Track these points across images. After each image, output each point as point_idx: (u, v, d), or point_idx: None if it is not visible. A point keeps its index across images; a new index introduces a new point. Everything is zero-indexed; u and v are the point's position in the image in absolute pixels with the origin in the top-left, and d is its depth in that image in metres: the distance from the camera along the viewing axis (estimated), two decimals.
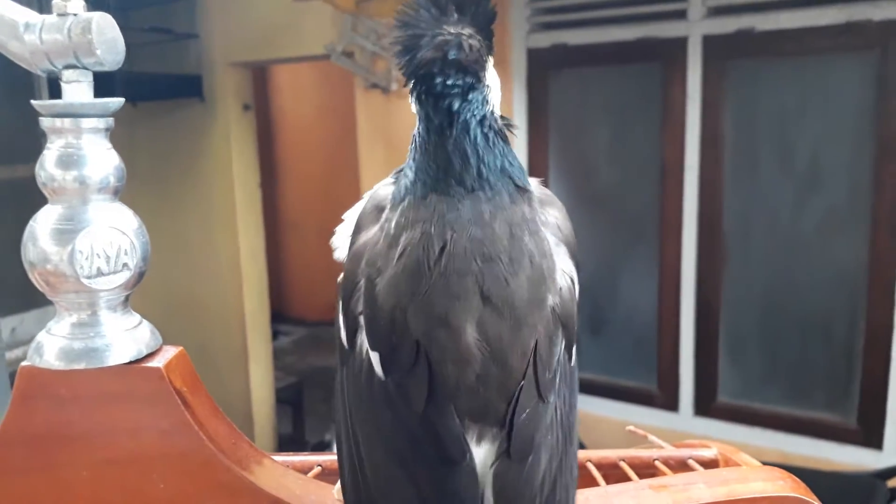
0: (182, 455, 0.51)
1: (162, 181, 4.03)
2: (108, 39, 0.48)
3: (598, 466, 0.74)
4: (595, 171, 3.17)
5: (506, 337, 0.50)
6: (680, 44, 2.83)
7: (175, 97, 3.79)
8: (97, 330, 0.51)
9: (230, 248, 3.84)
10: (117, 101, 0.51)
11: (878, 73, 2.54)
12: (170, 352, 0.54)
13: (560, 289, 0.53)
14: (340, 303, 0.53)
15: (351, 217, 0.58)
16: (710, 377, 2.96)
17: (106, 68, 0.48)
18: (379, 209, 0.55)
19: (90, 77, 0.50)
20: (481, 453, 0.50)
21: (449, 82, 0.51)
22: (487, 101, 0.53)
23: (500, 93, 0.56)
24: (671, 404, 3.03)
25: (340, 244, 0.58)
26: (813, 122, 2.72)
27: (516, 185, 0.54)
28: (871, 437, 2.66)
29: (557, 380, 0.53)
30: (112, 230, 0.50)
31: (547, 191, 0.58)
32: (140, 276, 0.54)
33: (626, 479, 0.70)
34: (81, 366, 0.50)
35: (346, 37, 3.31)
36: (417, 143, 0.53)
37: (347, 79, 3.48)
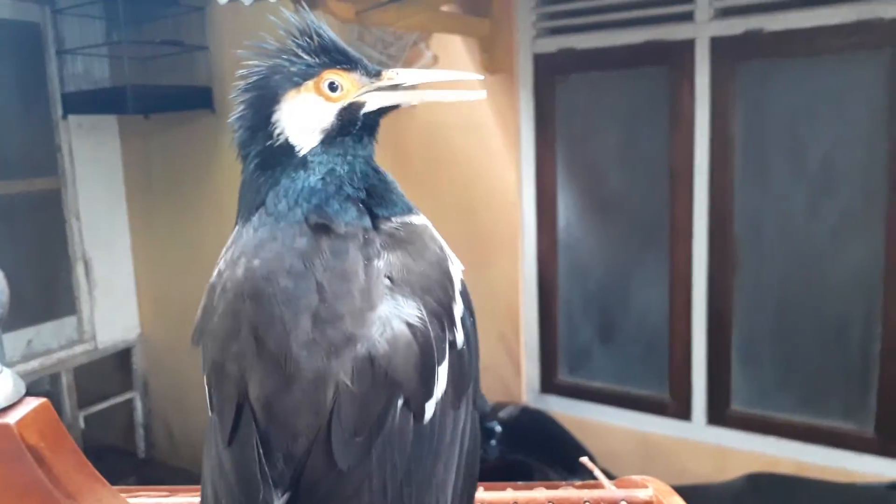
0: None
1: (175, 192, 4.07)
2: None
3: None
4: (604, 177, 3.12)
5: (285, 400, 0.46)
6: (687, 46, 2.78)
7: (186, 109, 3.82)
8: None
9: None
10: None
11: (890, 71, 2.47)
12: (29, 405, 0.52)
13: (388, 341, 0.47)
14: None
15: None
16: (723, 385, 2.89)
17: None
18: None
19: None
20: None
21: None
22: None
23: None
24: (683, 413, 2.96)
25: None
26: (825, 124, 2.65)
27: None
28: (889, 446, 2.58)
29: (380, 446, 0.47)
30: None
31: (414, 226, 0.54)
32: None
33: None
34: None
35: (352, 46, 3.30)
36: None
37: None
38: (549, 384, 3.27)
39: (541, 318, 3.25)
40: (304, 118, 0.54)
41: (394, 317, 0.48)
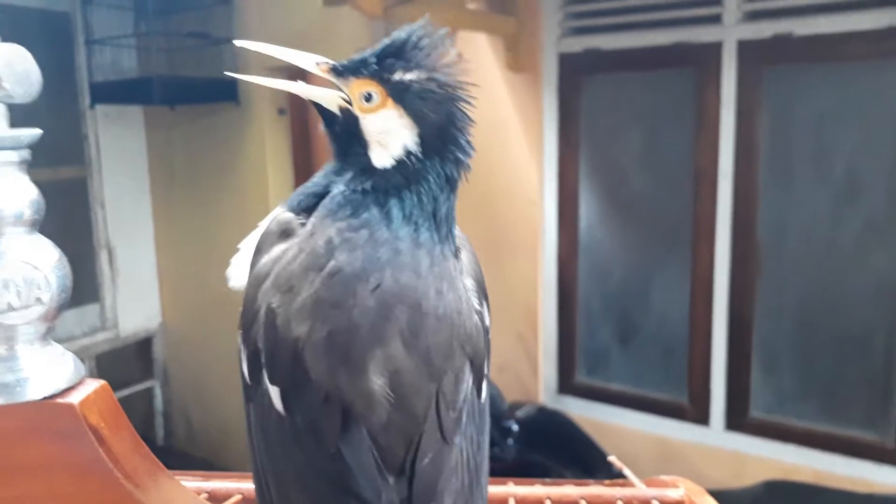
0: (97, 492, 0.50)
1: (197, 183, 4.10)
2: (18, 72, 0.47)
3: None
4: (627, 178, 3.12)
5: (414, 382, 0.48)
6: (715, 49, 2.76)
7: (211, 101, 3.84)
8: (11, 365, 0.51)
9: None
10: (31, 134, 0.50)
11: None
12: (90, 386, 0.53)
13: (470, 325, 0.51)
14: (240, 333, 0.52)
15: (247, 246, 0.57)
16: (742, 391, 2.88)
17: (16, 101, 0.48)
18: (287, 230, 0.52)
19: (3, 109, 0.49)
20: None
21: None
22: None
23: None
24: (702, 418, 2.95)
25: (235, 273, 0.57)
26: (852, 130, 2.63)
27: (448, 233, 0.53)
28: None
29: (464, 419, 0.51)
30: (24, 265, 0.50)
31: (460, 232, 0.57)
32: (60, 309, 0.53)
33: None
34: None
35: (378, 42, 3.32)
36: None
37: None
38: (566, 385, 3.27)
39: (560, 319, 3.25)
40: None
41: (470, 302, 0.52)
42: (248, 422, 0.53)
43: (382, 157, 0.52)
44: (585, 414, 3.15)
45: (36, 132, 0.50)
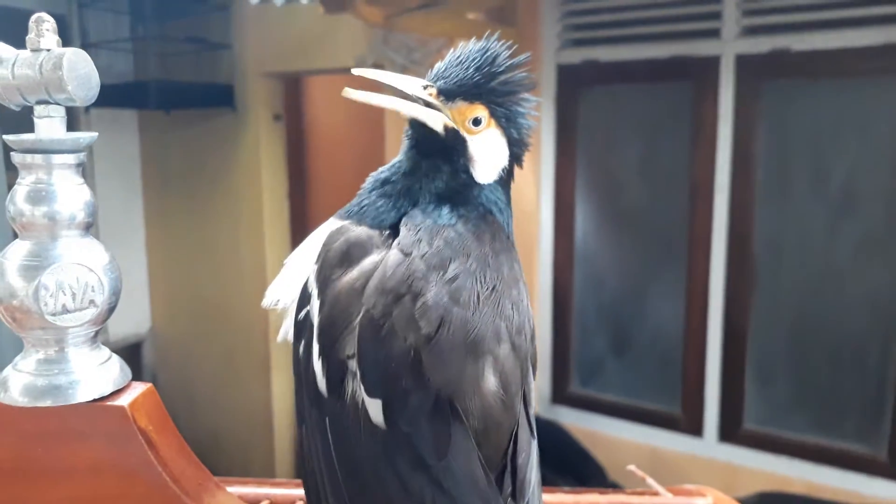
0: (144, 495, 0.50)
1: (192, 188, 4.08)
2: (80, 75, 0.47)
3: None
4: (624, 190, 3.13)
5: (515, 382, 0.50)
6: (713, 63, 2.79)
7: (207, 106, 3.84)
8: (62, 367, 0.51)
9: (256, 257, 3.87)
10: (89, 136, 0.50)
11: None
12: (137, 389, 0.53)
13: (533, 324, 0.55)
14: (318, 347, 0.51)
15: (296, 262, 0.56)
16: (736, 402, 2.89)
17: (77, 104, 0.48)
18: (371, 243, 0.52)
19: (62, 112, 0.49)
20: None
21: None
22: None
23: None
24: (695, 429, 2.97)
25: (278, 290, 0.56)
26: (848, 146, 2.66)
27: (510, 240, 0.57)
28: None
29: (532, 417, 0.54)
30: (79, 267, 0.50)
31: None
32: (110, 312, 0.53)
33: None
34: (47, 403, 0.50)
35: (376, 50, 3.33)
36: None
37: (378, 91, 3.50)
38: (560, 395, 3.28)
39: (554, 329, 3.26)
40: None
41: (528, 302, 0.55)
42: (317, 439, 0.51)
43: (486, 172, 0.56)
44: (579, 424, 3.16)
45: (93, 135, 0.50)
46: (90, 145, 0.50)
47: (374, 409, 0.47)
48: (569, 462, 2.95)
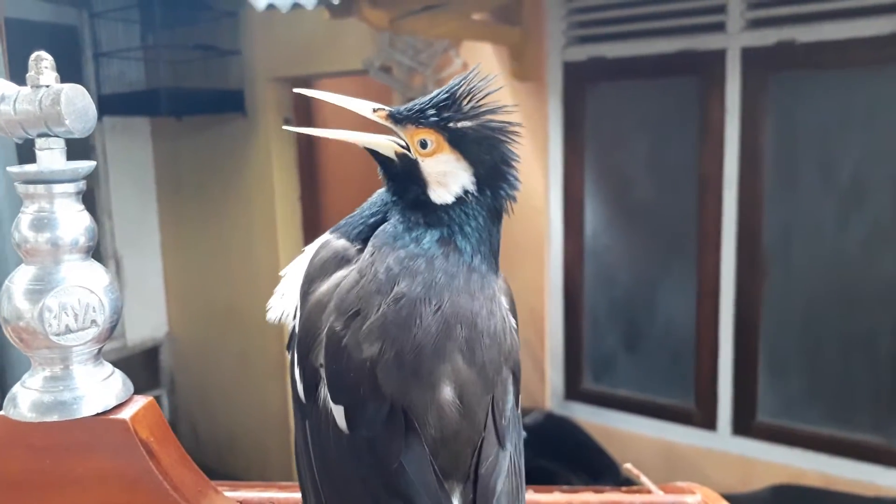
0: (147, 503, 0.53)
1: (204, 193, 4.13)
2: (77, 109, 0.50)
3: None
4: (632, 186, 3.14)
5: (475, 394, 0.52)
6: (719, 56, 2.79)
7: (218, 112, 3.88)
8: (67, 383, 0.54)
9: (270, 260, 3.91)
10: (87, 166, 0.53)
11: None
12: (139, 402, 0.56)
13: (511, 342, 0.56)
14: (296, 355, 0.55)
15: (292, 272, 0.59)
16: (749, 395, 2.90)
17: (76, 136, 0.50)
18: (344, 257, 0.56)
19: (62, 144, 0.52)
20: None
21: None
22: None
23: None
24: (709, 423, 2.97)
25: (278, 303, 0.59)
26: (857, 137, 2.65)
27: (495, 259, 0.58)
28: None
29: (510, 426, 0.55)
30: (81, 289, 0.53)
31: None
32: (111, 330, 0.56)
33: None
34: (54, 417, 0.53)
35: (383, 52, 3.35)
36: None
37: (386, 93, 3.52)
38: (573, 391, 3.29)
39: (566, 325, 3.27)
40: None
41: (509, 320, 0.57)
42: (301, 440, 0.55)
43: (442, 194, 0.57)
44: (592, 420, 3.17)
45: (91, 164, 0.53)
46: (89, 174, 0.53)
47: (339, 414, 0.51)
48: (583, 458, 2.97)
